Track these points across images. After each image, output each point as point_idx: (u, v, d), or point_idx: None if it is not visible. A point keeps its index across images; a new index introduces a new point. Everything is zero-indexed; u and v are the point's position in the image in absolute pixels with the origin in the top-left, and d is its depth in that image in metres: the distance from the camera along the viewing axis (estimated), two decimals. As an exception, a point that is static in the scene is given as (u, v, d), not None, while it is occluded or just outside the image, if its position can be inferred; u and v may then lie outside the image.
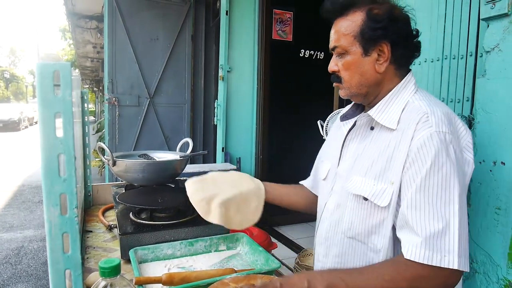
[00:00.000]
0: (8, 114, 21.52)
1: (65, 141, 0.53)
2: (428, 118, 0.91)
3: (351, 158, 1.08)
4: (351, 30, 0.99)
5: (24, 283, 3.50)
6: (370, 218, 0.99)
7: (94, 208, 1.90)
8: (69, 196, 0.54)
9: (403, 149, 0.92)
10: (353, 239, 1.04)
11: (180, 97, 5.14)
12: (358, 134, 1.09)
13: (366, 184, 0.99)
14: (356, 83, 1.02)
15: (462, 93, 1.39)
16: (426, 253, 0.84)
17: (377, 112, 1.02)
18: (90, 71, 16.41)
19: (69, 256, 0.55)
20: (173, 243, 1.31)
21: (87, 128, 1.90)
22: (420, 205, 0.87)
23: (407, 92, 1.01)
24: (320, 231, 1.16)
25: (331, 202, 1.13)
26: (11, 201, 6.44)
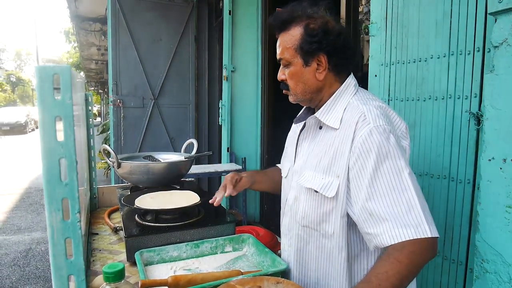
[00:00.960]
0: (15, 117, 21.69)
1: (66, 145, 0.52)
2: (365, 116, 1.01)
3: (304, 156, 1.19)
4: (292, 43, 1.10)
5: (33, 285, 3.52)
6: (321, 207, 1.10)
7: (99, 210, 1.90)
8: (71, 200, 0.53)
9: (347, 145, 1.03)
10: (307, 227, 1.16)
11: (185, 97, 5.14)
12: (309, 133, 1.20)
13: (316, 178, 1.10)
14: (300, 90, 1.14)
15: (470, 89, 1.37)
16: (401, 231, 0.92)
17: (322, 114, 1.13)
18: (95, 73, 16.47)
19: (72, 261, 0.54)
20: (179, 245, 1.31)
21: (91, 130, 1.90)
22: (380, 193, 0.96)
23: (348, 94, 1.13)
24: (283, 223, 1.29)
25: (290, 196, 1.24)
26: (19, 204, 6.48)
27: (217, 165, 4.33)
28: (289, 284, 1.04)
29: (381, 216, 0.95)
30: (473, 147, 1.40)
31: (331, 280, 1.13)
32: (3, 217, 5.71)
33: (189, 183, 2.06)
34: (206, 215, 1.51)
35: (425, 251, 0.93)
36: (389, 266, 0.91)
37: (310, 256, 1.18)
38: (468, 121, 1.39)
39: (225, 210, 1.65)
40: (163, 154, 2.03)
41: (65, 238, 0.53)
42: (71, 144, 0.52)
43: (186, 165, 1.82)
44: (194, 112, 5.19)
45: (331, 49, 1.09)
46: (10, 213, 5.94)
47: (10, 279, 3.65)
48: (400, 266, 0.90)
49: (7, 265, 3.97)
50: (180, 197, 1.56)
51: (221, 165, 4.27)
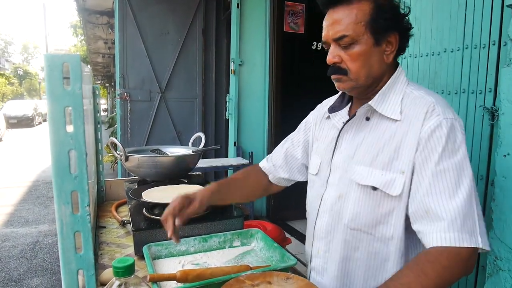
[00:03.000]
0: (22, 110, 21.82)
1: (75, 137, 0.50)
2: (435, 107, 0.92)
3: (349, 149, 1.06)
4: (361, 18, 0.95)
5: (40, 278, 3.54)
6: (379, 207, 0.98)
7: (107, 204, 1.89)
8: (81, 193, 0.52)
9: (413, 138, 0.93)
10: (357, 230, 1.02)
11: (192, 91, 5.12)
12: (353, 125, 1.07)
13: (373, 174, 0.98)
14: (364, 74, 0.99)
15: (484, 84, 1.34)
16: (456, 235, 0.84)
17: (378, 102, 1.01)
18: (101, 66, 16.51)
19: (82, 255, 0.53)
20: (187, 239, 1.29)
21: (99, 123, 1.89)
22: (440, 190, 0.88)
23: (401, 83, 1.02)
24: (319, 225, 1.13)
25: (329, 194, 1.10)
26: (26, 196, 6.53)
27: (224, 159, 4.33)
28: (299, 279, 1.02)
29: (438, 214, 0.87)
30: (486, 143, 1.37)
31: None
32: (11, 209, 5.75)
33: (197, 177, 2.05)
34: (214, 209, 1.50)
35: (458, 266, 0.85)
36: (413, 279, 0.83)
37: (359, 264, 1.04)
38: (482, 116, 1.36)
39: (232, 204, 1.64)
40: (170, 148, 2.02)
41: (75, 232, 0.52)
42: (81, 135, 0.50)
43: (194, 159, 1.81)
44: (201, 106, 5.18)
45: (403, 28, 0.99)
46: (18, 205, 5.98)
47: (18, 271, 3.68)
48: (427, 281, 0.82)
49: (15, 257, 4.00)
50: (187, 191, 1.54)
51: (228, 159, 4.26)
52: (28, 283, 3.44)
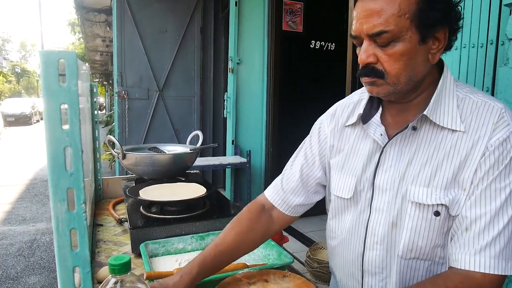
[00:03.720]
0: (20, 108, 21.79)
1: (71, 134, 0.50)
2: (503, 116, 0.80)
3: (397, 166, 0.89)
4: (404, 10, 0.76)
5: (37, 275, 3.54)
6: (440, 231, 0.85)
7: (104, 202, 1.89)
8: (77, 191, 0.51)
9: (479, 151, 0.80)
10: (414, 259, 0.88)
11: (190, 90, 5.12)
12: (398, 137, 0.90)
13: (433, 195, 0.84)
14: (405, 78, 0.82)
15: (482, 83, 1.34)
16: (491, 261, 0.76)
17: (432, 111, 0.85)
18: (99, 64, 16.48)
19: (78, 253, 0.53)
20: (184, 237, 1.29)
21: (96, 121, 1.88)
22: (490, 208, 0.78)
23: (450, 84, 0.87)
24: (371, 259, 0.94)
25: (378, 222, 0.92)
26: (24, 195, 6.52)
27: (222, 158, 4.33)
28: (296, 277, 1.02)
29: (477, 233, 0.78)
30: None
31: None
32: (8, 207, 5.74)
33: (194, 175, 2.05)
34: (211, 207, 1.50)
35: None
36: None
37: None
38: None
39: (229, 202, 1.64)
40: (168, 146, 2.02)
41: (70, 229, 0.52)
42: (76, 132, 0.50)
43: (191, 157, 1.81)
44: (199, 104, 5.17)
45: (454, 20, 0.82)
46: (15, 203, 5.97)
47: (15, 269, 3.68)
48: None
49: (12, 255, 3.99)
50: (185, 189, 1.55)
51: (226, 158, 4.26)
52: (26, 281, 3.44)
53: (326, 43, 4.34)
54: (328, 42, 4.34)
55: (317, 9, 4.23)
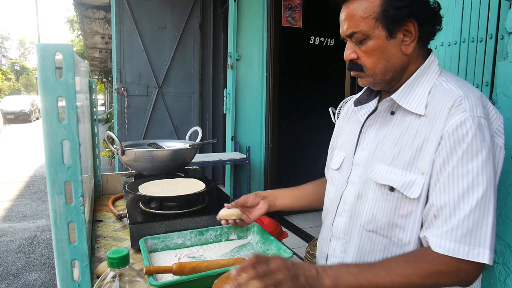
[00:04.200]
0: (19, 106, 21.77)
1: (68, 127, 0.50)
2: (461, 102, 0.84)
3: (371, 146, 1.00)
4: (371, 11, 0.89)
5: (38, 272, 3.54)
6: (396, 210, 0.91)
7: (103, 198, 1.89)
8: (74, 184, 0.51)
9: (435, 136, 0.86)
10: (373, 232, 0.96)
11: (189, 86, 5.11)
12: (377, 120, 1.01)
13: (393, 173, 0.92)
14: (381, 69, 0.93)
15: (481, 77, 1.34)
16: (451, 244, 0.79)
17: (401, 96, 0.94)
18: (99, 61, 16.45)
19: (76, 246, 0.53)
20: (183, 233, 1.30)
21: (95, 117, 1.88)
22: (453, 194, 0.82)
23: (432, 73, 0.94)
24: (337, 225, 1.06)
25: (349, 193, 1.04)
26: (24, 192, 6.52)
27: (222, 154, 4.33)
28: (295, 272, 1.03)
29: (443, 218, 0.82)
30: (482, 136, 1.37)
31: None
32: (8, 204, 5.74)
33: (194, 171, 2.05)
34: (210, 203, 1.50)
35: (461, 276, 0.80)
36: (402, 265, 0.80)
37: None
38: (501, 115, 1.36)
39: (229, 197, 1.64)
40: (167, 142, 2.02)
41: (68, 223, 0.52)
42: (74, 126, 0.50)
43: (190, 153, 1.81)
44: (199, 100, 5.17)
45: (424, 14, 0.90)
46: (15, 201, 5.97)
47: (16, 265, 3.68)
48: (415, 275, 0.79)
49: (13, 251, 4.00)
50: (184, 184, 1.55)
51: (225, 154, 4.26)
52: (26, 277, 3.44)
53: (326, 39, 4.32)
54: (328, 38, 4.33)
55: (316, 5, 4.22)
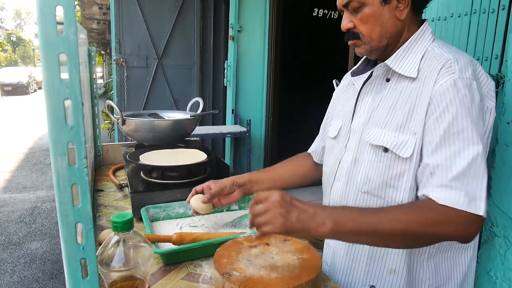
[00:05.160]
0: (17, 78, 21.51)
1: (70, 85, 0.48)
2: (451, 64, 0.87)
3: (367, 112, 1.03)
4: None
5: (39, 241, 3.58)
6: (389, 170, 0.95)
7: (104, 168, 1.88)
8: (77, 145, 0.50)
9: (426, 97, 0.89)
10: (368, 193, 1.00)
11: (189, 58, 5.02)
12: (373, 87, 1.04)
13: (386, 135, 0.95)
14: (377, 36, 0.96)
15: (491, 50, 1.31)
16: (452, 195, 0.81)
17: (395, 61, 0.97)
18: (96, 33, 16.17)
19: (80, 209, 0.52)
20: (185, 202, 1.29)
21: (95, 86, 1.85)
22: (449, 151, 0.84)
23: (425, 40, 0.96)
24: (335, 190, 1.10)
25: (346, 158, 1.07)
26: (23, 163, 6.53)
27: (222, 127, 4.31)
28: (297, 242, 1.03)
29: (440, 173, 0.84)
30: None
31: (389, 254, 0.99)
32: (8, 176, 5.76)
33: (194, 142, 2.04)
34: (211, 173, 1.49)
35: (459, 226, 0.81)
36: (402, 212, 0.82)
37: None
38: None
39: (229, 167, 1.64)
40: (168, 113, 2.00)
41: (72, 185, 0.51)
42: (76, 84, 0.48)
43: (191, 124, 1.79)
44: (199, 73, 5.09)
45: None
46: (15, 172, 5.99)
47: (17, 235, 3.72)
48: (414, 221, 0.81)
49: (14, 222, 4.03)
50: (185, 155, 1.54)
51: (225, 127, 4.25)
52: (28, 246, 3.49)
53: (329, 11, 4.24)
54: (331, 11, 4.24)
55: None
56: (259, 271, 0.88)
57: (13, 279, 2.95)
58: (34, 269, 3.12)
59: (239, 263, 0.92)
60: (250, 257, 0.94)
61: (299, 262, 0.93)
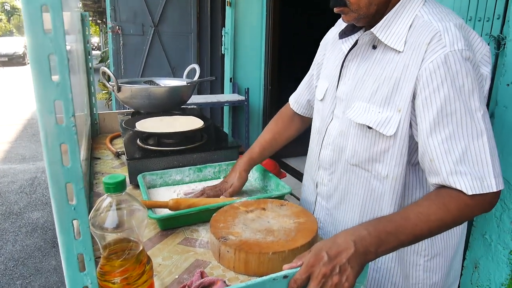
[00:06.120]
0: (13, 48, 21.14)
1: (55, 38, 0.46)
2: (441, 37, 0.82)
3: (352, 81, 1.00)
4: None
5: (40, 211, 3.62)
6: (374, 146, 0.94)
7: (101, 136, 1.87)
8: (64, 102, 0.48)
9: (413, 72, 0.85)
10: (356, 166, 1.00)
11: (186, 25, 4.92)
12: (359, 53, 1.00)
13: (371, 111, 0.93)
14: (365, 2, 0.89)
15: (493, 10, 1.27)
16: (465, 180, 0.79)
17: (381, 29, 0.92)
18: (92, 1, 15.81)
19: (69, 168, 0.51)
20: (182, 169, 1.29)
21: (89, 52, 1.81)
22: (445, 134, 0.81)
23: (414, 4, 0.90)
24: (323, 156, 1.10)
25: (333, 127, 1.06)
26: (22, 134, 6.52)
27: (220, 95, 4.27)
28: (293, 206, 1.03)
29: (443, 159, 0.81)
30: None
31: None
32: (7, 147, 5.76)
33: (191, 110, 2.02)
34: (209, 140, 1.48)
35: (481, 206, 0.81)
36: (435, 210, 0.79)
37: (356, 198, 1.03)
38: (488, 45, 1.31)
39: (227, 135, 1.63)
40: (164, 80, 1.97)
41: (60, 143, 0.49)
42: (60, 37, 0.46)
43: (188, 91, 1.77)
44: (196, 40, 5.00)
45: None
46: (14, 143, 5.99)
47: (18, 205, 3.75)
48: (447, 215, 0.79)
49: (14, 192, 4.06)
50: (182, 121, 1.52)
51: (223, 95, 4.21)
52: (29, 216, 3.52)
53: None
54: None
55: None
56: (255, 235, 0.89)
57: (15, 248, 3.00)
58: (35, 238, 3.16)
59: (235, 227, 0.92)
60: (246, 222, 0.95)
61: (295, 226, 0.94)
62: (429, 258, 0.99)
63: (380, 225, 0.79)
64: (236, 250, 0.83)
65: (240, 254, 0.83)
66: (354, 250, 0.73)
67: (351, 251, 0.73)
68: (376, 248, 0.76)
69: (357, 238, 0.75)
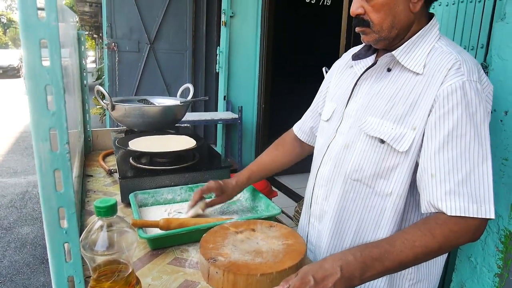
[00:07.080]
0: (8, 61, 21.11)
1: (52, 71, 0.48)
2: (460, 66, 0.86)
3: (364, 98, 1.02)
4: None
5: (30, 226, 3.59)
6: (383, 162, 0.95)
7: (94, 154, 1.89)
8: (59, 131, 0.50)
9: (430, 94, 0.88)
10: (357, 181, 1.00)
11: (181, 43, 4.98)
12: (373, 74, 1.02)
13: (384, 126, 0.94)
14: (388, 25, 0.92)
15: (477, 39, 1.32)
16: (460, 204, 0.81)
17: (402, 53, 0.95)
18: (89, 16, 15.91)
19: (62, 193, 0.53)
20: (173, 188, 1.30)
21: (85, 72, 1.84)
22: (453, 154, 0.83)
23: (432, 36, 0.95)
24: (321, 173, 1.10)
25: (336, 143, 1.06)
26: (14, 147, 6.48)
27: (214, 113, 4.30)
28: (282, 227, 1.05)
29: (444, 177, 0.83)
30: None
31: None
32: (-1, 159, 5.72)
33: (185, 129, 2.04)
34: (201, 159, 1.50)
35: (465, 232, 0.81)
36: (420, 236, 0.80)
37: (354, 216, 1.02)
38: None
39: (220, 155, 1.65)
40: (158, 98, 1.99)
41: (54, 170, 0.51)
42: (58, 69, 0.48)
43: (181, 110, 1.79)
44: (191, 58, 5.06)
45: None
46: (6, 156, 5.95)
47: (8, 219, 3.72)
48: (432, 241, 0.79)
49: (4, 206, 4.02)
50: (175, 141, 1.54)
51: (217, 113, 4.24)
52: (19, 231, 3.49)
53: (323, -2, 4.21)
54: (325, -3, 4.21)
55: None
56: (243, 256, 0.90)
57: (4, 264, 2.96)
58: (24, 253, 3.13)
59: (224, 248, 0.93)
60: (235, 243, 0.96)
61: (284, 248, 0.95)
62: (414, 282, 1.01)
63: (367, 250, 0.80)
64: (224, 271, 0.84)
65: (228, 276, 0.84)
66: (340, 275, 0.75)
67: (337, 276, 0.74)
68: (361, 274, 0.77)
69: (343, 263, 0.76)
